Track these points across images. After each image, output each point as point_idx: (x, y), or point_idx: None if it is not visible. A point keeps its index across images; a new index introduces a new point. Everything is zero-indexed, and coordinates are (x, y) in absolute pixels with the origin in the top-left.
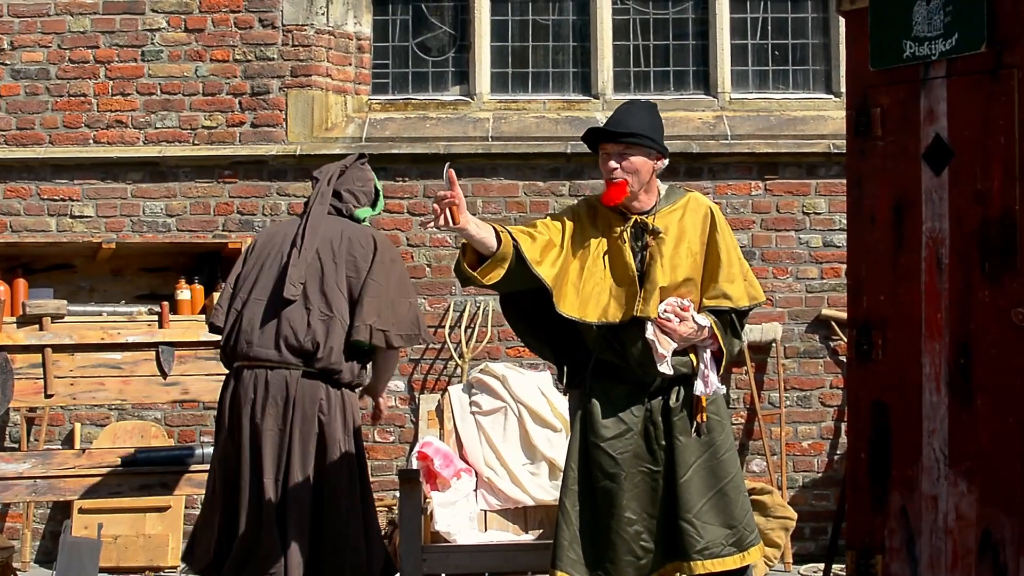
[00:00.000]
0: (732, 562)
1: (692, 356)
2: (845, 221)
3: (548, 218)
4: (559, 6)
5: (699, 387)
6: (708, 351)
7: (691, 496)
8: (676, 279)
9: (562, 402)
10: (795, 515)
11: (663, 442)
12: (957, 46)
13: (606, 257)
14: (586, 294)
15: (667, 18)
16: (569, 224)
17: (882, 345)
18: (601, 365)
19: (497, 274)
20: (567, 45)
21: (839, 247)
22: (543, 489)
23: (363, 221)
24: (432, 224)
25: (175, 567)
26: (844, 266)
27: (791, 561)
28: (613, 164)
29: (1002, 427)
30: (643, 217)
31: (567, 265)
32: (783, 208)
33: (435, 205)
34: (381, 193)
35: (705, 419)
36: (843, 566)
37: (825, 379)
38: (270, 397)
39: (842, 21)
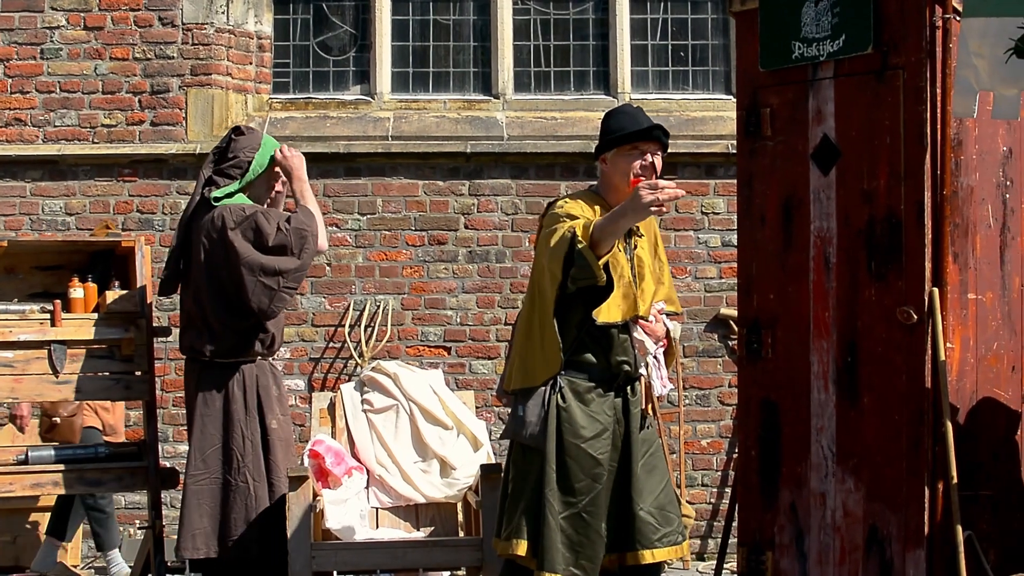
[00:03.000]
0: (681, 550)
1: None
2: None
3: (580, 219)
4: (459, 6)
5: (657, 387)
6: (660, 352)
7: (647, 486)
8: (655, 279)
9: (454, 400)
10: (693, 513)
11: (624, 438)
12: (844, 47)
13: (610, 259)
14: None
15: (567, 18)
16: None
17: (772, 344)
18: (572, 365)
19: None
20: (467, 45)
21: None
22: (434, 487)
23: (220, 202)
24: (655, 199)
25: (75, 565)
26: None
27: (689, 559)
28: (652, 160)
29: (888, 425)
30: None
31: None
32: (682, 208)
33: (661, 196)
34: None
35: (651, 413)
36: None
37: (724, 378)
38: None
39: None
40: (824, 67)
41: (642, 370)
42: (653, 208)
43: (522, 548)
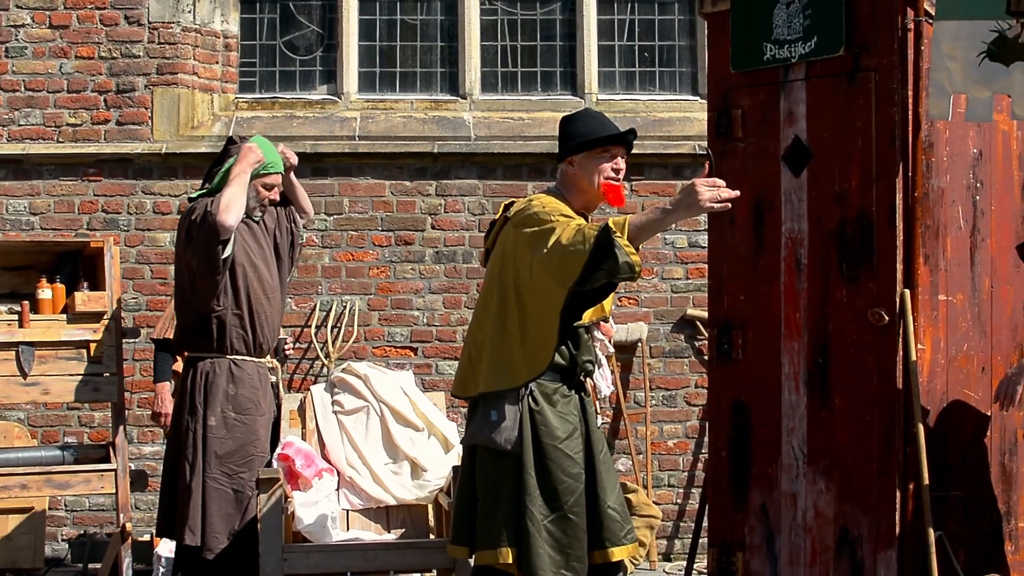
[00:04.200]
0: (636, 547)
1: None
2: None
3: (574, 218)
4: (427, 6)
5: (603, 387)
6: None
7: (608, 483)
8: None
9: (424, 402)
10: (660, 513)
11: (587, 436)
12: (816, 49)
13: None
14: None
15: (535, 19)
16: None
17: (742, 345)
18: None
19: None
20: (435, 45)
21: (704, 248)
22: (405, 488)
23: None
24: (715, 197)
25: (36, 569)
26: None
27: (656, 559)
28: (622, 164)
29: (859, 426)
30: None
31: None
32: (649, 208)
33: (721, 198)
34: (225, 168)
35: (597, 411)
36: (706, 564)
37: (690, 378)
38: None
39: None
40: (796, 69)
41: (599, 368)
42: (710, 205)
43: (508, 556)
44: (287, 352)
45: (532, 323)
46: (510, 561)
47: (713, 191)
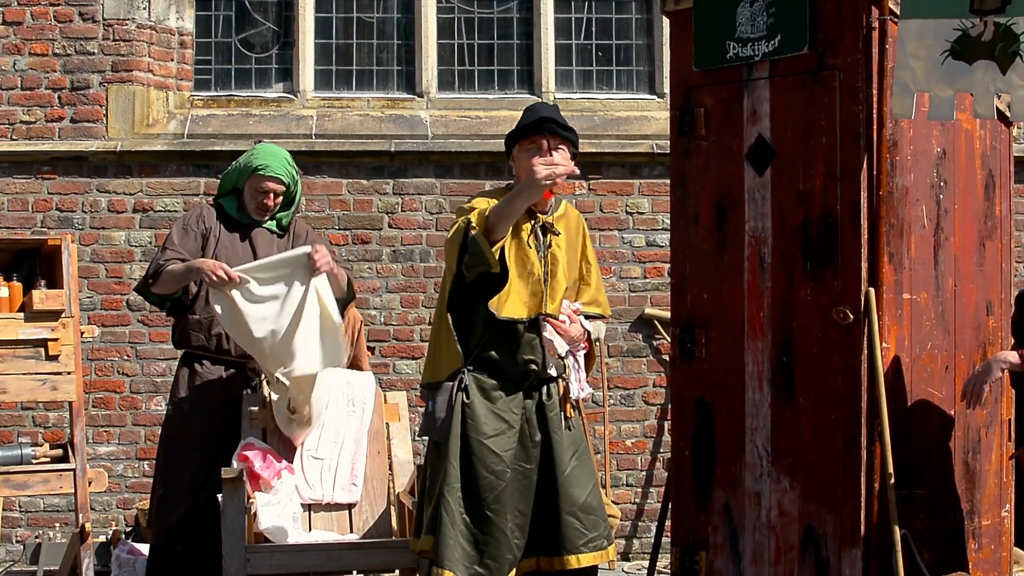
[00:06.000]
0: (606, 555)
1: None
2: (668, 221)
3: (475, 214)
4: (384, 4)
5: (575, 389)
6: (581, 354)
7: (575, 490)
8: (570, 281)
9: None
10: (619, 513)
11: (537, 439)
12: (780, 47)
13: (517, 255)
14: (505, 291)
15: (492, 17)
16: None
17: (705, 343)
18: (479, 363)
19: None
20: (391, 43)
21: (662, 247)
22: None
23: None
24: (550, 174)
25: None
26: (667, 266)
27: (615, 559)
28: (556, 156)
29: (823, 425)
30: (545, 217)
31: None
32: (606, 208)
33: (557, 170)
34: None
35: (573, 415)
36: (667, 563)
37: (648, 378)
38: None
39: (666, 22)
40: (759, 67)
41: (551, 371)
42: (547, 182)
43: (428, 543)
44: None
45: (444, 317)
46: (428, 548)
47: (549, 169)
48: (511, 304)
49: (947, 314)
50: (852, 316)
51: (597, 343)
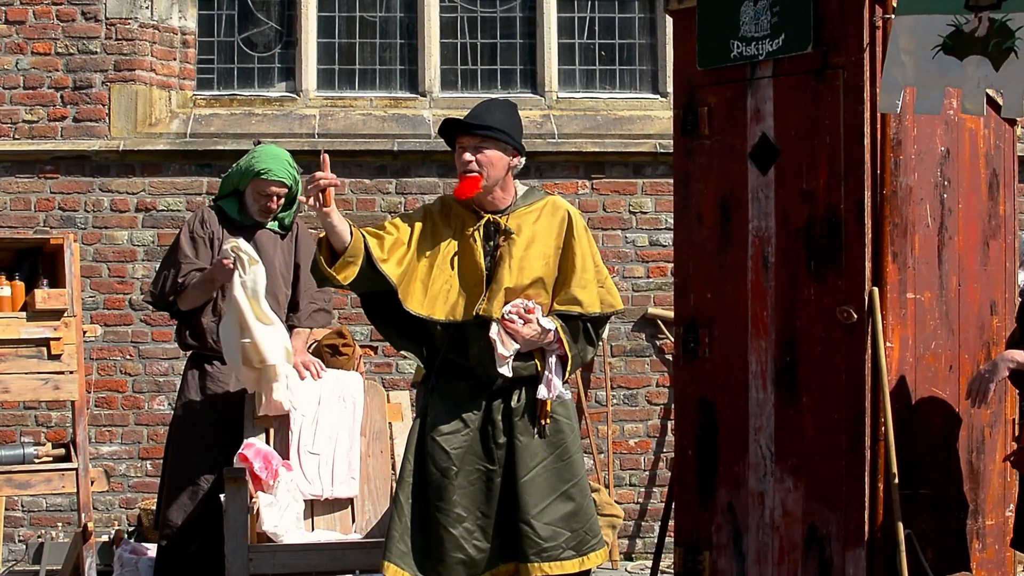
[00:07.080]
0: (570, 566)
1: (537, 360)
2: (671, 220)
3: (399, 218)
4: (386, 3)
5: (542, 391)
6: (554, 356)
7: (531, 497)
8: (523, 281)
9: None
10: (622, 513)
11: (501, 441)
12: (784, 46)
13: (456, 256)
14: (434, 292)
15: (495, 16)
16: (419, 223)
17: (709, 343)
18: (446, 363)
19: (351, 272)
20: (394, 42)
21: (665, 246)
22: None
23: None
24: (306, 203)
25: None
26: (670, 265)
27: (618, 559)
28: (468, 157)
29: (827, 424)
30: (496, 216)
31: (415, 263)
32: (610, 207)
33: (309, 186)
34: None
35: (548, 421)
36: (671, 563)
37: (651, 377)
38: None
39: (669, 21)
40: (763, 66)
41: (501, 369)
42: (308, 195)
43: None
44: None
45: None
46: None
47: (313, 184)
48: (431, 304)
49: (951, 313)
50: (856, 315)
51: (600, 343)
